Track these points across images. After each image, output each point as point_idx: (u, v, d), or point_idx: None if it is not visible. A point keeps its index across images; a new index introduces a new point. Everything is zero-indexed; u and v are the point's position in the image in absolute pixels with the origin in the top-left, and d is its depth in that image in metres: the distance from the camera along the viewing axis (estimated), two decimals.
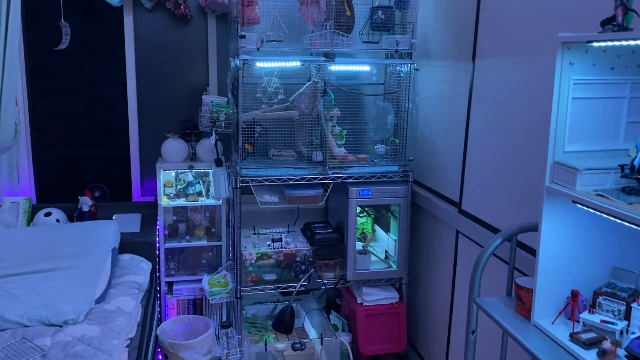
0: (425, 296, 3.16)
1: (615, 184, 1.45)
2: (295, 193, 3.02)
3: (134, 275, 2.95)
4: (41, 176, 3.59)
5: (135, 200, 3.63)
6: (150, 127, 3.54)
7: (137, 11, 3.39)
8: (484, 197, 2.48)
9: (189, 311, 3.49)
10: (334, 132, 3.02)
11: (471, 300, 1.84)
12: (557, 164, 1.51)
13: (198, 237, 3.46)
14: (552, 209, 1.56)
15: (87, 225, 3.19)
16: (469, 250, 2.64)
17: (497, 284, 2.32)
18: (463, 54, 2.64)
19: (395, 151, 3.11)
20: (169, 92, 3.53)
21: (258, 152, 3.00)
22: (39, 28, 3.39)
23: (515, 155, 2.24)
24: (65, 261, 2.79)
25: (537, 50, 2.09)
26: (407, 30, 2.97)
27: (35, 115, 3.49)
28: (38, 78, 3.48)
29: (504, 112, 2.32)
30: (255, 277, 3.05)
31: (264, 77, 2.95)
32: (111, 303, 2.63)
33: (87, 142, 3.64)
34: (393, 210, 3.17)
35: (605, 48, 1.48)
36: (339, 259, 3.12)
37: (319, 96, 2.92)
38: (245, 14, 2.80)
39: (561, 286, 1.62)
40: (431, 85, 3.03)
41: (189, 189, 3.42)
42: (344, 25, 2.88)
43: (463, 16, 2.64)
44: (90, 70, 3.53)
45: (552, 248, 1.59)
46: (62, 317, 2.39)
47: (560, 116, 1.49)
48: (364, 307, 3.08)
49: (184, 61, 3.52)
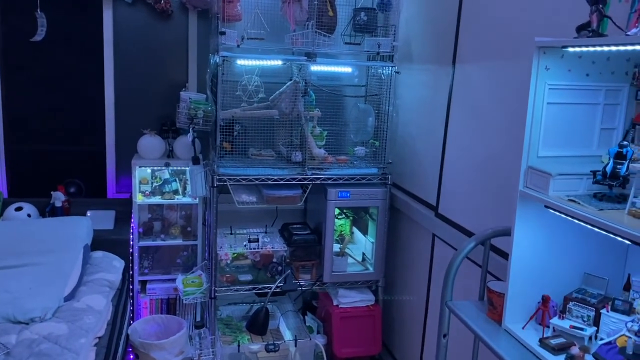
0: (400, 299, 3.15)
1: (588, 189, 1.45)
2: (274, 193, 2.99)
3: (106, 272, 2.89)
4: (14, 170, 3.50)
5: (110, 196, 3.57)
6: (127, 123, 3.48)
7: (117, 4, 3.33)
8: (460, 200, 2.49)
9: (162, 310, 3.43)
10: (313, 132, 3.00)
11: (443, 303, 1.83)
12: (531, 168, 1.51)
13: (173, 235, 3.41)
14: (525, 214, 1.56)
15: (58, 221, 3.12)
16: (445, 254, 2.64)
17: (470, 287, 2.32)
18: (443, 58, 2.64)
19: (374, 153, 3.10)
20: (147, 87, 3.48)
21: (236, 151, 2.96)
22: (15, 18, 3.31)
23: (492, 160, 2.24)
24: (35, 257, 2.72)
25: (515, 55, 2.10)
26: (389, 33, 2.96)
27: (9, 108, 3.40)
28: (13, 70, 3.39)
29: (481, 116, 2.32)
30: (230, 277, 3.02)
31: (244, 74, 2.93)
32: (80, 300, 2.57)
33: (62, 136, 3.56)
34: (371, 213, 3.15)
35: (580, 53, 1.48)
36: (315, 260, 3.10)
37: (300, 96, 2.90)
38: (226, 10, 2.77)
39: (532, 291, 1.62)
40: (412, 88, 3.02)
41: (165, 186, 3.37)
42: (326, 25, 2.87)
43: (444, 20, 2.64)
44: (67, 64, 3.45)
45: (524, 252, 1.59)
46: (28, 314, 2.33)
47: (535, 120, 1.49)
48: (340, 309, 3.06)
49: (163, 56, 3.47)
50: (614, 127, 1.57)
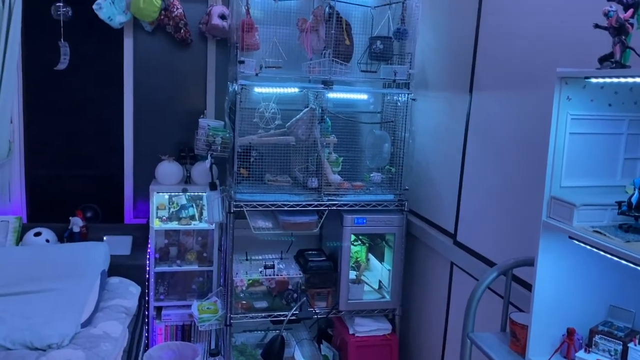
0: (417, 328, 3.11)
1: (612, 220, 1.43)
2: (289, 219, 2.99)
3: (122, 299, 2.89)
4: (33, 195, 3.55)
5: (127, 222, 3.59)
6: (145, 149, 3.53)
7: (137, 34, 3.41)
8: (479, 228, 2.46)
9: (177, 337, 3.41)
10: (329, 158, 3.01)
11: (464, 335, 1.80)
12: (554, 198, 1.49)
13: (189, 261, 3.41)
14: (548, 244, 1.54)
15: (76, 247, 3.14)
16: (463, 283, 2.61)
17: (491, 318, 2.29)
18: (460, 86, 2.65)
19: (390, 179, 3.09)
20: (165, 114, 3.53)
21: (253, 177, 2.98)
22: (37, 47, 3.39)
23: (511, 188, 2.23)
24: (53, 282, 2.73)
25: (533, 83, 2.10)
26: (404, 61, 2.99)
27: (29, 134, 3.47)
28: (34, 96, 3.47)
29: (500, 144, 2.32)
30: (246, 304, 3.00)
31: (261, 102, 2.96)
32: (97, 327, 2.57)
33: (81, 161, 3.61)
34: (387, 239, 3.13)
35: (602, 84, 1.48)
36: (331, 288, 3.07)
37: (316, 122, 2.92)
38: (245, 39, 2.82)
39: (557, 323, 1.59)
40: (428, 115, 3.03)
41: (182, 211, 3.39)
42: (343, 53, 2.90)
43: (461, 48, 2.66)
44: (87, 90, 3.52)
45: (548, 284, 1.57)
46: (45, 341, 2.33)
47: (557, 150, 1.48)
48: (356, 337, 3.02)
49: (182, 84, 3.53)
50: (638, 157, 1.56)
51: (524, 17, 2.17)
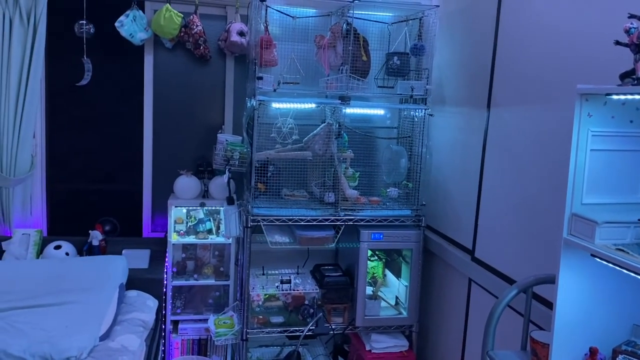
0: (435, 345, 3.08)
1: (635, 238, 1.42)
2: (306, 234, 2.99)
3: (140, 312, 2.90)
4: (53, 208, 3.60)
5: (145, 235, 3.62)
6: (164, 163, 3.57)
7: (158, 50, 3.47)
8: (498, 245, 2.44)
9: (193, 351, 3.41)
10: (346, 173, 3.01)
11: (484, 353, 1.78)
12: (575, 215, 1.48)
13: (206, 275, 3.42)
14: (570, 262, 1.52)
15: (95, 260, 3.18)
16: (482, 299, 2.58)
17: (510, 336, 2.25)
18: (478, 101, 2.65)
19: (407, 195, 3.09)
20: (184, 129, 3.58)
21: (270, 191, 2.99)
22: (60, 63, 3.47)
23: (530, 204, 2.21)
24: (72, 295, 2.76)
25: (552, 99, 2.09)
26: (421, 76, 3.00)
27: (51, 148, 3.53)
28: (57, 112, 3.54)
29: (518, 160, 2.30)
30: (262, 319, 3.00)
31: (279, 117, 2.98)
32: (115, 340, 2.59)
33: (100, 176, 3.67)
34: (404, 255, 3.12)
35: (624, 101, 1.47)
36: (347, 303, 3.06)
37: (333, 137, 2.94)
38: (263, 55, 2.85)
39: (578, 342, 1.56)
40: (445, 131, 3.03)
41: (199, 225, 3.41)
42: (360, 69, 2.92)
43: (478, 64, 2.66)
44: (108, 106, 3.58)
45: (569, 302, 1.54)
46: (64, 354, 2.34)
47: (578, 167, 1.47)
48: (372, 354, 3.00)
49: (200, 99, 3.57)
50: None
51: (542, 33, 2.17)
